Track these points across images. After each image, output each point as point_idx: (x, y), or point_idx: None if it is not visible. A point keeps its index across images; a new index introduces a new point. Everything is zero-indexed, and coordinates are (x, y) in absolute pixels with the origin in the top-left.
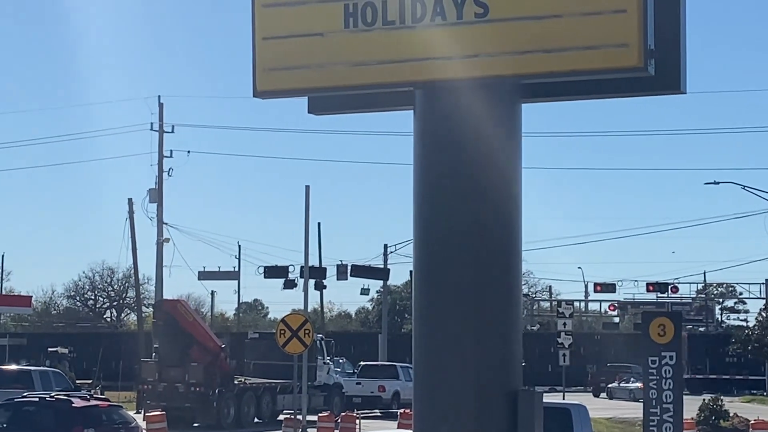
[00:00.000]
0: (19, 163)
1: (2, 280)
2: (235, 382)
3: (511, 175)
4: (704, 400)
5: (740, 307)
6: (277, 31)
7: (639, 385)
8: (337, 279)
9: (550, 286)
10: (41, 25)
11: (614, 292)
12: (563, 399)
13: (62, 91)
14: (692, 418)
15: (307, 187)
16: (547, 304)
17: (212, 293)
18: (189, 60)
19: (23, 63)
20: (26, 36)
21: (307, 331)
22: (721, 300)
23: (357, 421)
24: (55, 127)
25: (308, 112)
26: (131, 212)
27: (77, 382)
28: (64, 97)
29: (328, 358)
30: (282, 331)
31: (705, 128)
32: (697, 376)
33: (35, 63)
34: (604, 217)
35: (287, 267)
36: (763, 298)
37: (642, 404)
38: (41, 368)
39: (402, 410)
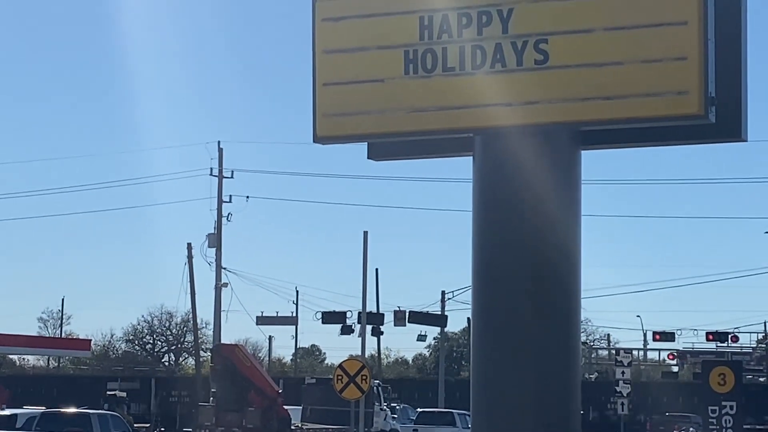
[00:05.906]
0: (81, 207)
1: (62, 323)
2: (292, 427)
3: (571, 223)
4: None
5: None
6: (337, 77)
7: None
8: (395, 325)
9: (608, 335)
10: (104, 72)
11: (673, 341)
12: None
13: (124, 136)
14: None
15: (366, 233)
16: (606, 353)
17: (270, 338)
18: (249, 106)
19: (85, 108)
20: (88, 81)
21: (364, 377)
22: None
23: None
24: (117, 172)
25: (368, 158)
26: (190, 257)
27: (135, 425)
28: (126, 143)
29: (385, 404)
30: (339, 377)
31: (766, 176)
32: (758, 427)
33: (96, 108)
34: (664, 266)
35: (345, 312)
36: None
37: None
38: (100, 411)
39: None
